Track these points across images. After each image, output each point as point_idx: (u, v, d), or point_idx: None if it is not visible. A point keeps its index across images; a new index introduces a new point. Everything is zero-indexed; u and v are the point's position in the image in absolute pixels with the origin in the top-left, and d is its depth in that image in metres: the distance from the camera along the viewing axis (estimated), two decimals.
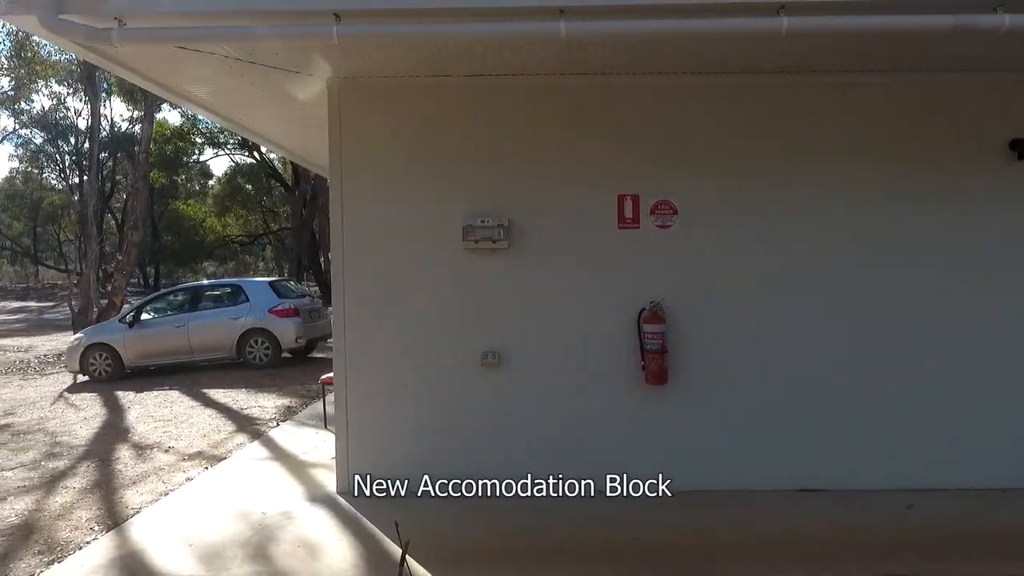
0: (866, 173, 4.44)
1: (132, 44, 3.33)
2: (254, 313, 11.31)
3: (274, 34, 3.36)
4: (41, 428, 7.37)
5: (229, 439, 6.35)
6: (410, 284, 4.55)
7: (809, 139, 4.48)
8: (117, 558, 3.59)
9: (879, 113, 4.44)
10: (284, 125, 5.91)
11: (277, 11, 3.30)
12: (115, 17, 3.27)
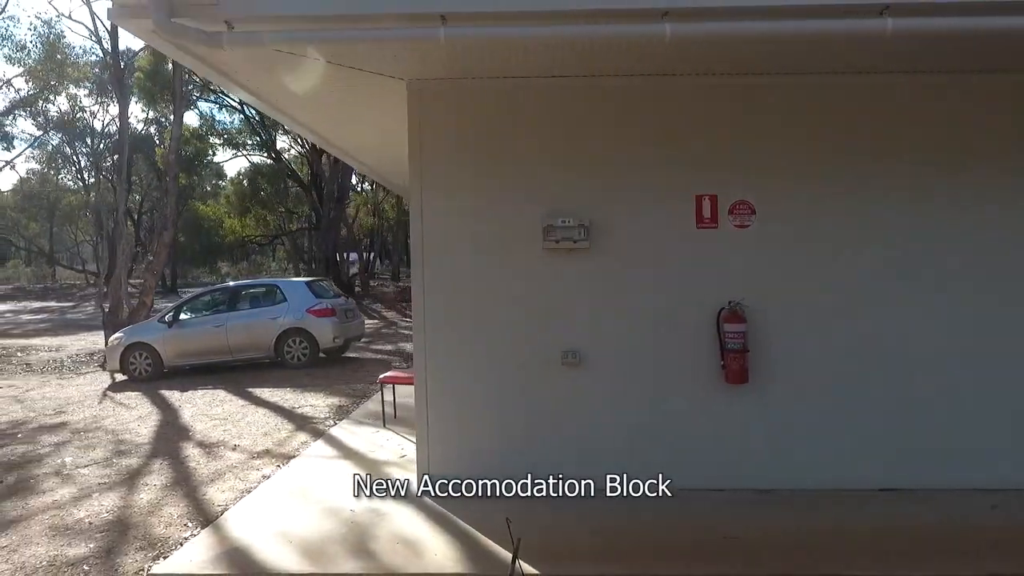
0: (945, 173, 4.45)
1: (241, 47, 3.38)
2: (292, 313, 11.40)
3: (381, 37, 3.42)
4: (99, 426, 7.47)
5: (291, 437, 6.42)
6: (489, 284, 4.60)
7: (887, 139, 4.49)
8: (222, 554, 3.66)
9: (959, 113, 4.45)
10: (363, 132, 6.00)
11: (384, 14, 3.35)
12: (225, 20, 3.33)
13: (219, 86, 4.67)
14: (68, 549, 3.88)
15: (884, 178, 4.49)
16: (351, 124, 5.72)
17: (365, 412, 7.35)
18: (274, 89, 4.66)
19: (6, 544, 3.99)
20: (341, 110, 5.23)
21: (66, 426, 7.66)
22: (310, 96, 4.85)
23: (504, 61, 4.23)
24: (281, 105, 5.10)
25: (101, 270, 47.64)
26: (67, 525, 4.29)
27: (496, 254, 4.58)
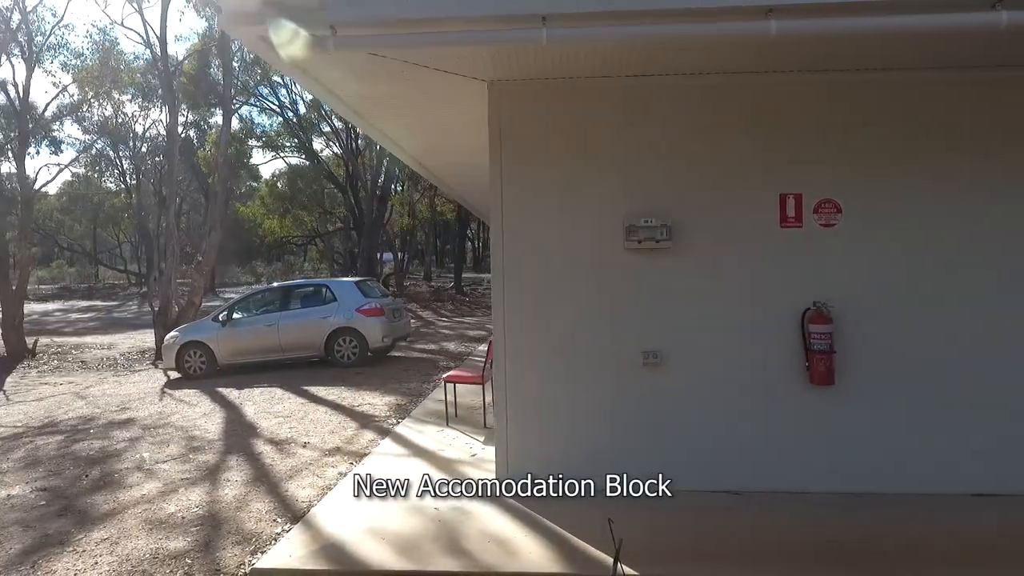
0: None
1: (347, 50, 3.44)
2: (342, 312, 11.55)
3: (484, 39, 3.44)
4: (167, 423, 7.66)
5: (358, 435, 6.50)
6: (570, 284, 4.60)
7: (976, 137, 4.37)
8: (319, 549, 3.72)
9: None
10: (442, 142, 6.07)
11: (484, 16, 3.37)
12: (330, 25, 3.39)
13: (317, 95, 4.74)
14: (167, 542, 3.99)
15: (974, 174, 4.37)
16: (431, 133, 5.79)
17: (425, 411, 7.41)
18: (360, 95, 4.74)
19: (107, 536, 4.11)
20: (422, 114, 5.30)
21: (134, 422, 7.87)
22: (390, 99, 4.92)
23: (586, 61, 4.23)
24: (369, 115, 5.20)
25: (142, 270, 49.15)
26: (160, 519, 4.40)
27: (577, 254, 4.58)
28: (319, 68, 4.15)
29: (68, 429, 7.85)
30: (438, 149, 6.92)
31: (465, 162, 7.43)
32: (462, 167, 7.94)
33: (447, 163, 7.81)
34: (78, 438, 7.23)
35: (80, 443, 6.92)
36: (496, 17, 3.37)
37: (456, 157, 7.25)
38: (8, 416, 9.22)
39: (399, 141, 6.45)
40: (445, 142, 6.51)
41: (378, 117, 5.52)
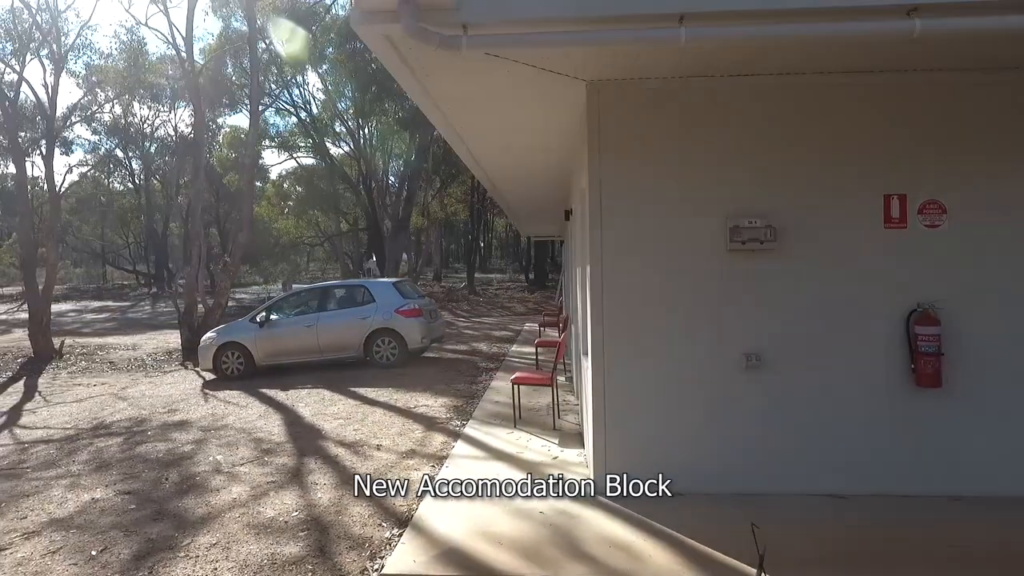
0: None
1: (478, 49, 3.41)
2: (381, 313, 11.51)
3: (618, 39, 3.40)
4: (224, 424, 7.62)
5: (428, 438, 6.46)
6: (671, 286, 4.56)
7: None
8: (440, 555, 3.68)
9: None
10: (526, 143, 6.04)
11: (620, 15, 3.33)
12: (462, 24, 3.35)
13: (412, 94, 4.70)
14: (279, 547, 3.95)
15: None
16: (508, 132, 5.76)
17: (486, 412, 7.37)
18: (452, 95, 4.71)
19: (215, 542, 4.08)
20: (506, 113, 5.26)
21: (190, 424, 7.83)
22: (477, 98, 4.88)
23: (689, 61, 4.19)
24: (452, 113, 5.16)
25: (151, 271, 49.12)
26: (262, 523, 4.36)
27: (678, 255, 4.54)
28: (430, 69, 4.11)
29: (123, 431, 7.81)
30: (509, 149, 6.88)
31: (534, 162, 7.41)
32: (530, 167, 7.93)
33: (513, 163, 7.77)
34: (138, 440, 7.19)
35: (143, 445, 6.88)
36: (632, 16, 3.33)
37: (526, 157, 7.22)
38: (53, 418, 9.18)
39: (470, 140, 6.41)
40: (520, 141, 6.47)
41: (459, 116, 5.48)
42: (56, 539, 4.32)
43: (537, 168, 8.06)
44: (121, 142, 44.29)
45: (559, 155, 7.17)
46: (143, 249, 53.55)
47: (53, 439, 7.74)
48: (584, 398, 5.46)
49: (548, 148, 6.92)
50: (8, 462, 6.75)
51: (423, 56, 3.85)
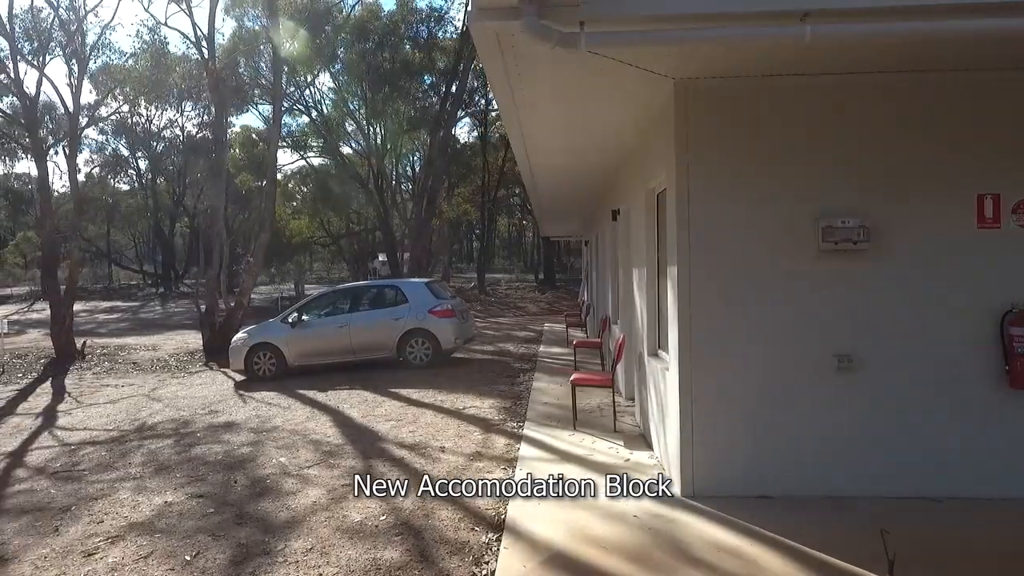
0: None
1: (597, 46, 3.36)
2: (414, 314, 11.46)
3: (739, 35, 3.34)
4: (274, 426, 7.56)
5: (489, 440, 6.41)
6: (760, 286, 4.51)
7: None
8: (548, 559, 3.63)
9: None
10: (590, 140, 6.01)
11: (741, 13, 3.28)
12: (580, 22, 3.30)
13: (497, 92, 4.65)
14: (379, 552, 3.89)
15: None
16: (579, 131, 5.71)
17: (538, 414, 7.31)
18: (535, 93, 4.66)
19: (310, 546, 4.02)
20: (581, 110, 5.21)
21: (237, 425, 7.77)
22: (557, 95, 4.84)
23: (781, 60, 4.14)
24: (527, 111, 5.11)
25: (157, 271, 49.03)
26: (352, 528, 4.30)
27: (768, 256, 4.49)
28: (526, 67, 4.06)
29: (170, 432, 7.76)
30: (568, 149, 6.84)
31: (586, 162, 7.38)
32: (581, 167, 7.91)
33: (564, 163, 7.74)
34: (189, 442, 7.13)
35: (197, 447, 6.83)
36: (756, 13, 3.28)
37: (582, 156, 7.18)
38: (91, 419, 9.13)
39: (532, 140, 6.36)
40: (581, 141, 6.43)
41: (532, 116, 5.43)
42: (143, 543, 4.27)
43: (588, 168, 8.02)
44: (128, 141, 44.28)
45: (615, 154, 7.12)
46: (150, 249, 53.49)
47: (99, 440, 7.69)
48: (659, 399, 5.40)
49: (604, 148, 6.88)
50: (61, 464, 6.70)
51: (526, 54, 3.81)
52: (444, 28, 30.77)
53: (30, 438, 8.30)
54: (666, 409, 5.06)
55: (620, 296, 8.21)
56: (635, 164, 6.58)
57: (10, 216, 56.46)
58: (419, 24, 29.29)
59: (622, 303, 7.98)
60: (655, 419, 5.62)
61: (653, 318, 5.99)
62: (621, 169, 7.50)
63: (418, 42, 29.35)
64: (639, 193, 6.40)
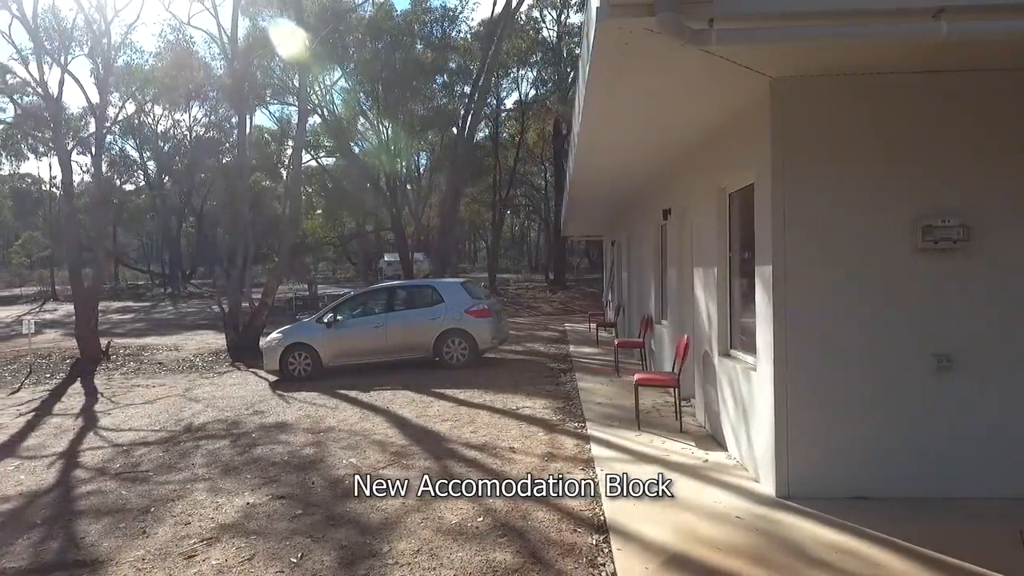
0: None
1: (727, 43, 3.34)
2: (451, 313, 11.43)
3: (878, 33, 3.32)
4: (329, 427, 7.53)
5: (556, 441, 6.37)
6: (856, 286, 4.48)
7: None
8: (667, 561, 3.60)
9: None
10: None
11: (879, 10, 3.26)
12: (709, 19, 3.27)
13: (595, 91, 4.63)
14: (488, 554, 3.86)
15: None
16: (660, 132, 5.70)
17: (595, 414, 7.28)
18: (628, 88, 4.64)
19: (417, 548, 3.99)
20: (670, 112, 5.21)
21: (290, 426, 7.73)
22: (643, 92, 4.82)
23: (879, 57, 4.11)
24: (609, 117, 5.10)
25: (165, 271, 48.96)
26: (452, 529, 4.27)
27: (865, 255, 4.46)
28: (639, 63, 4.03)
29: (221, 433, 7.72)
30: (639, 146, 6.80)
31: (646, 159, 7.36)
32: (638, 166, 7.88)
33: (621, 161, 7.71)
34: (247, 442, 7.10)
35: (257, 448, 6.79)
36: (886, 11, 3.26)
37: (651, 156, 7.15)
38: (132, 419, 9.10)
39: (604, 138, 6.34)
40: (655, 138, 6.40)
41: (614, 113, 5.41)
42: (241, 545, 4.23)
43: (641, 167, 7.99)
44: (137, 141, 44.24)
45: (674, 152, 7.09)
46: (157, 249, 53.40)
47: (150, 441, 7.66)
48: (736, 399, 5.37)
49: (668, 145, 6.84)
50: (120, 465, 6.66)
51: (641, 52, 3.78)
52: (457, 28, 30.78)
53: (76, 439, 8.27)
54: (750, 409, 5.03)
55: (672, 295, 8.18)
56: (700, 163, 6.54)
57: (17, 216, 56.42)
58: (434, 24, 29.26)
59: (675, 302, 7.94)
60: (729, 419, 5.59)
61: (723, 318, 5.96)
62: (679, 168, 7.46)
63: (432, 41, 29.34)
64: (706, 192, 6.37)
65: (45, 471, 6.70)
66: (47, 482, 6.28)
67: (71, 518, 5.14)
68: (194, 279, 50.78)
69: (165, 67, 17.92)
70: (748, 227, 5.62)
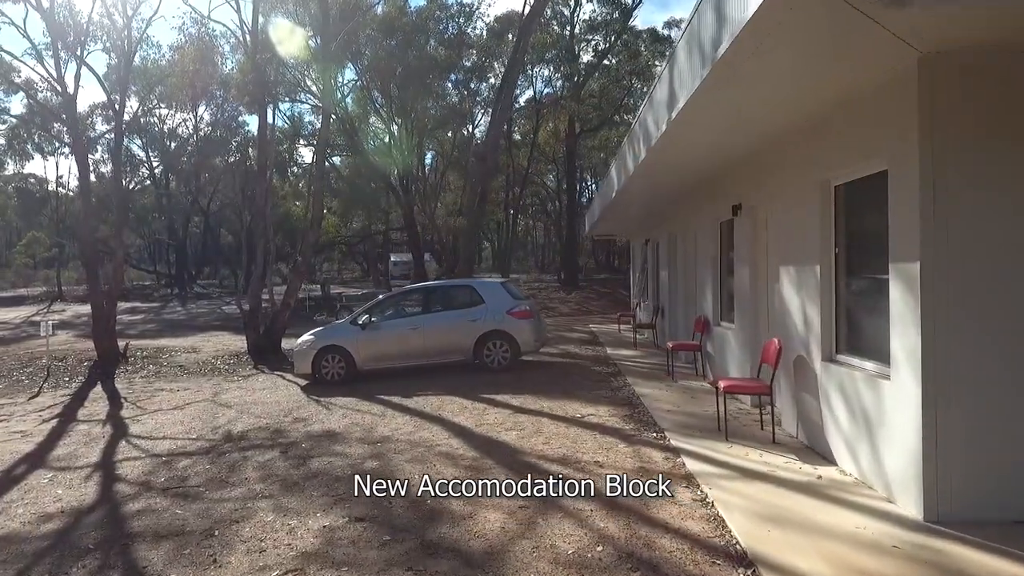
0: None
1: (931, 7, 2.87)
2: (491, 315, 10.94)
3: None
4: (384, 436, 7.05)
5: (641, 454, 5.89)
6: None
7: None
8: None
9: None
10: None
11: None
12: None
13: (715, 71, 4.16)
14: None
15: None
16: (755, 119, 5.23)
17: (671, 423, 6.81)
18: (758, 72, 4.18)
19: None
20: (783, 89, 4.72)
21: (340, 435, 7.25)
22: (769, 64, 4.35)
23: None
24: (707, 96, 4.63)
25: (171, 271, 48.48)
26: (571, 560, 3.79)
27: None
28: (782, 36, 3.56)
29: (267, 442, 7.24)
30: (724, 141, 6.35)
31: (719, 147, 6.91)
32: (709, 155, 7.42)
33: (707, 156, 7.26)
34: (298, 453, 6.62)
35: (313, 460, 6.31)
36: None
37: (738, 143, 6.68)
38: (164, 427, 8.62)
39: (696, 125, 5.88)
40: (752, 129, 5.95)
41: (721, 100, 4.94)
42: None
43: (715, 162, 7.52)
44: (143, 140, 43.70)
45: (761, 143, 6.62)
46: (164, 249, 52.94)
47: (190, 451, 7.19)
48: (852, 410, 4.89)
49: (754, 133, 6.37)
50: (165, 479, 6.18)
51: (801, 22, 3.31)
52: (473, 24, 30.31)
53: (108, 447, 7.79)
54: (877, 421, 4.56)
55: (744, 295, 7.71)
56: (794, 154, 6.06)
57: (21, 216, 55.96)
58: (449, 20, 28.80)
59: (748, 303, 7.47)
60: (840, 431, 5.12)
61: (828, 320, 5.49)
62: (759, 162, 6.99)
63: (446, 39, 28.90)
64: (799, 185, 5.90)
65: (83, 485, 6.22)
66: (88, 498, 5.80)
67: (127, 542, 4.65)
68: (200, 279, 50.33)
69: (185, 61, 17.40)
70: (862, 221, 5.15)
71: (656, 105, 6.58)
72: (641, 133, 7.73)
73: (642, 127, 7.63)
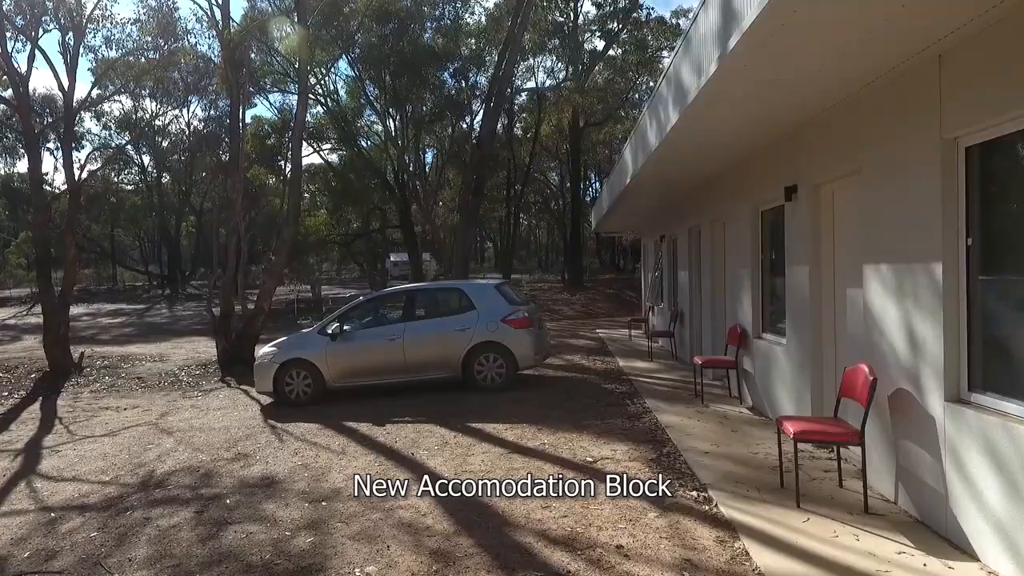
0: None
1: None
2: (484, 323, 9.22)
3: None
4: (334, 489, 5.37)
5: (680, 531, 4.17)
6: None
7: None
8: None
9: None
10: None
11: None
12: None
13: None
14: None
15: None
16: None
17: (715, 475, 5.12)
18: None
19: None
20: None
21: (280, 485, 5.58)
22: None
23: None
24: None
25: (163, 271, 46.88)
26: None
27: None
28: None
29: (187, 493, 5.59)
30: (763, 101, 4.66)
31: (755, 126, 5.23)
32: (738, 136, 5.75)
33: (731, 131, 5.58)
34: (216, 515, 4.96)
35: (229, 530, 4.64)
36: None
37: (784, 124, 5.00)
38: (82, 461, 6.99)
39: (729, 96, 4.23)
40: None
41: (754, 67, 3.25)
42: None
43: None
44: (133, 137, 42.09)
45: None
46: (155, 249, 51.47)
47: (88, 504, 5.55)
48: (1005, 473, 3.19)
49: (819, 92, 4.67)
50: (31, 554, 4.54)
51: None
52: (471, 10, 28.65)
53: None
54: None
55: (799, 302, 6.01)
56: (898, 104, 4.35)
57: (12, 216, 54.48)
58: (445, 5, 27.14)
59: (805, 312, 5.76)
60: (988, 508, 3.41)
61: (954, 342, 3.78)
62: (837, 120, 5.26)
63: (442, 27, 27.26)
64: (907, 149, 4.20)
65: None
66: None
67: None
68: (194, 280, 48.77)
69: (147, 33, 15.73)
70: (1009, 197, 3.46)
71: (697, 44, 4.84)
72: (670, 93, 5.99)
73: (672, 83, 5.89)
